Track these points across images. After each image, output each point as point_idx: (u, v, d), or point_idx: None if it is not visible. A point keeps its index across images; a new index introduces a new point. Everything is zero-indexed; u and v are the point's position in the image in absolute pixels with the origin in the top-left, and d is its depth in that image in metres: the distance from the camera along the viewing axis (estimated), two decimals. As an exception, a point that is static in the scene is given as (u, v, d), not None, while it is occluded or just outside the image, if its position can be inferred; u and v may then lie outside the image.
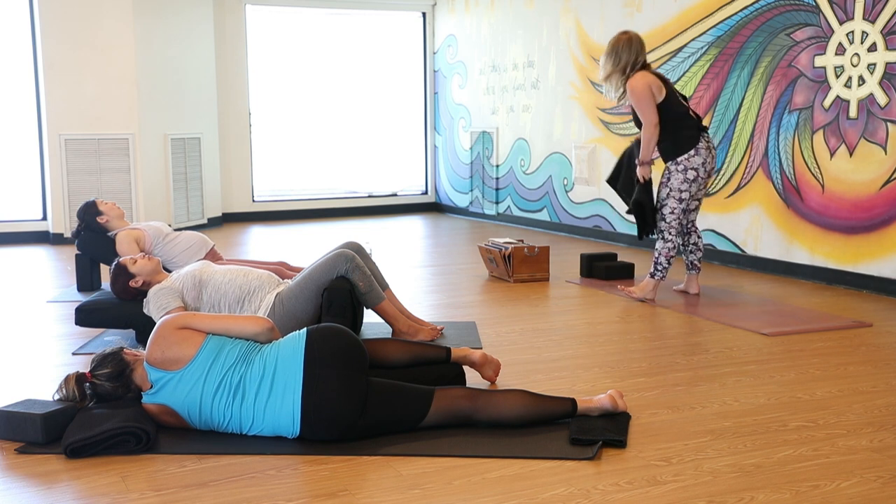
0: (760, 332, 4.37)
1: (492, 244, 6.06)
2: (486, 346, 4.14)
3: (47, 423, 2.84)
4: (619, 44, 5.00)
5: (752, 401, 3.29)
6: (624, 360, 3.89)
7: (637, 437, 2.90)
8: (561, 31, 8.08)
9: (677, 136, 5.00)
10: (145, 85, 8.24)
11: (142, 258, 4.13)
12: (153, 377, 2.89)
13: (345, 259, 4.01)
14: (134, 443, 2.77)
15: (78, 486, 2.55)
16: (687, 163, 4.98)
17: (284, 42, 9.84)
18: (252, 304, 3.95)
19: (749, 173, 6.17)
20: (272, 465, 2.69)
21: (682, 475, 2.60)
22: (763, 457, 2.74)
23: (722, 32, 6.30)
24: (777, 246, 5.99)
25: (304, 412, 2.79)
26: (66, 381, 2.98)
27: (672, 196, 5.02)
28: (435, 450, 2.78)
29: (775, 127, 5.94)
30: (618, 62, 4.99)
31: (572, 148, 8.01)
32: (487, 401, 2.94)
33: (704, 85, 6.49)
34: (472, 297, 5.40)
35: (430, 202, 10.65)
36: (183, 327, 2.94)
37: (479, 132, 9.49)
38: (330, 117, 10.11)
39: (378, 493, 2.49)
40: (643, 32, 6.97)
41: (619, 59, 4.99)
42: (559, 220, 8.30)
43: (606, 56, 5.05)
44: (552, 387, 3.45)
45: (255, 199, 9.83)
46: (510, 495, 2.46)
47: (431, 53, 10.41)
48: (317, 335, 2.92)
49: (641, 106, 4.95)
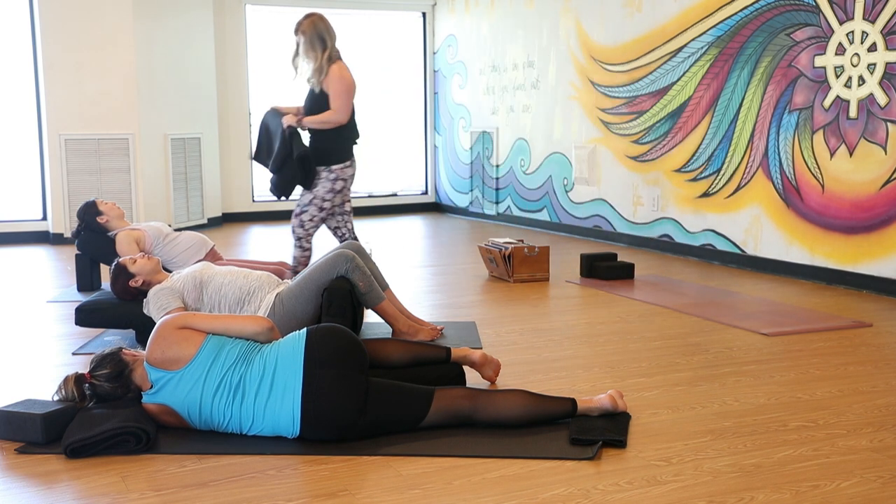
0: (760, 332, 4.37)
1: (492, 244, 6.06)
2: (486, 346, 4.14)
3: (47, 423, 2.84)
4: (323, 25, 4.82)
5: (752, 401, 3.29)
6: (624, 360, 3.89)
7: (637, 437, 2.90)
8: (561, 32, 8.08)
9: (341, 143, 4.90)
10: (145, 85, 8.23)
11: (141, 258, 4.12)
12: (153, 377, 2.89)
13: (345, 259, 4.01)
14: (134, 443, 2.77)
15: (78, 486, 2.55)
16: (340, 172, 4.90)
17: (284, 42, 9.83)
18: (252, 305, 3.95)
19: (749, 173, 6.17)
20: (272, 465, 2.69)
21: (682, 475, 2.60)
22: (763, 457, 2.74)
23: (722, 32, 6.30)
24: (777, 246, 5.99)
25: (304, 412, 2.79)
26: (66, 381, 2.98)
27: (314, 203, 4.91)
28: (435, 450, 2.78)
29: (775, 127, 5.94)
30: (325, 46, 4.81)
31: (572, 148, 8.01)
32: (487, 401, 2.94)
33: (704, 85, 6.49)
34: (472, 297, 5.40)
35: (431, 202, 10.65)
36: (183, 327, 2.94)
37: (479, 132, 9.49)
38: (330, 117, 10.09)
39: (378, 493, 2.49)
40: (643, 33, 7.01)
41: (325, 44, 4.81)
42: (559, 221, 8.30)
43: (315, 39, 4.80)
44: (552, 387, 3.45)
45: (255, 199, 9.82)
46: (510, 495, 2.46)
47: (431, 53, 10.41)
48: (317, 335, 2.92)
49: (346, 98, 4.80)
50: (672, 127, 6.82)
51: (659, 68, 6.91)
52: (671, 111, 6.82)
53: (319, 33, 4.82)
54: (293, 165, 4.83)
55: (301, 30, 4.84)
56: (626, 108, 7.31)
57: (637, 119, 7.19)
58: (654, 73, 6.96)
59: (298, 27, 4.87)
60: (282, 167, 4.86)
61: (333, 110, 4.82)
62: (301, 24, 4.86)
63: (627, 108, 7.30)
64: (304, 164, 4.84)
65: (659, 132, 6.96)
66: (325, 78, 4.82)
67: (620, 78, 7.35)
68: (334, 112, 4.82)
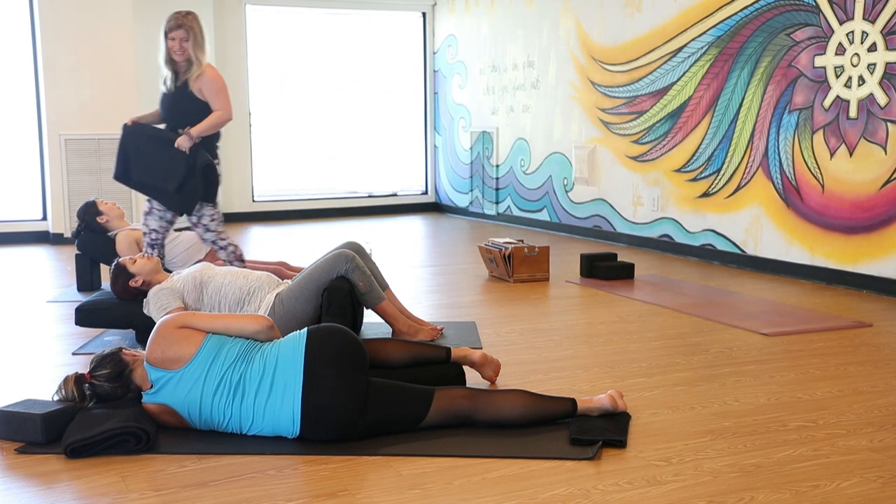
0: (760, 332, 4.37)
1: (492, 244, 6.06)
2: (486, 346, 4.14)
3: (47, 423, 2.84)
4: (199, 23, 4.66)
5: (752, 401, 3.29)
6: (624, 360, 3.89)
7: (637, 437, 2.90)
8: (561, 32, 8.08)
9: (214, 144, 4.76)
10: (146, 85, 8.22)
11: (141, 258, 4.12)
12: (153, 377, 2.88)
13: (345, 259, 4.01)
14: (134, 443, 2.77)
15: (78, 486, 2.55)
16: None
17: (284, 42, 9.84)
18: (252, 305, 3.95)
19: (749, 173, 6.17)
20: (272, 465, 2.69)
21: (682, 475, 2.60)
22: (763, 457, 2.73)
23: (722, 32, 6.30)
24: (777, 246, 5.99)
25: (304, 412, 2.79)
26: (66, 381, 2.98)
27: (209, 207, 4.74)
28: (435, 450, 2.78)
29: (775, 127, 5.94)
30: (203, 44, 4.67)
31: (572, 148, 8.01)
32: (487, 401, 2.94)
33: (704, 85, 6.49)
34: (472, 297, 5.40)
35: (430, 202, 10.65)
36: (183, 326, 2.94)
37: (479, 132, 9.49)
38: (330, 117, 10.11)
39: (378, 493, 2.49)
40: (643, 33, 7.01)
41: (203, 42, 4.67)
42: (559, 220, 8.30)
43: (201, 37, 4.65)
44: (552, 387, 3.45)
45: (255, 199, 9.83)
46: (510, 495, 2.46)
47: (431, 53, 10.41)
48: (317, 335, 2.92)
49: (226, 95, 4.69)
50: (672, 127, 6.82)
51: (659, 68, 6.91)
52: (671, 111, 6.82)
53: (202, 31, 4.67)
54: (197, 178, 4.60)
55: (188, 25, 4.58)
56: (626, 108, 7.31)
57: (637, 119, 7.19)
58: (654, 73, 6.96)
59: (184, 22, 4.58)
60: (184, 183, 4.60)
61: (222, 109, 4.66)
62: (186, 19, 4.59)
63: (627, 108, 7.30)
64: (210, 173, 4.65)
65: (659, 132, 6.96)
66: (200, 79, 4.63)
67: (620, 78, 7.35)
68: (223, 111, 4.65)
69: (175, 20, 4.58)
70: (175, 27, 4.57)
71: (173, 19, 4.59)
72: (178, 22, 4.58)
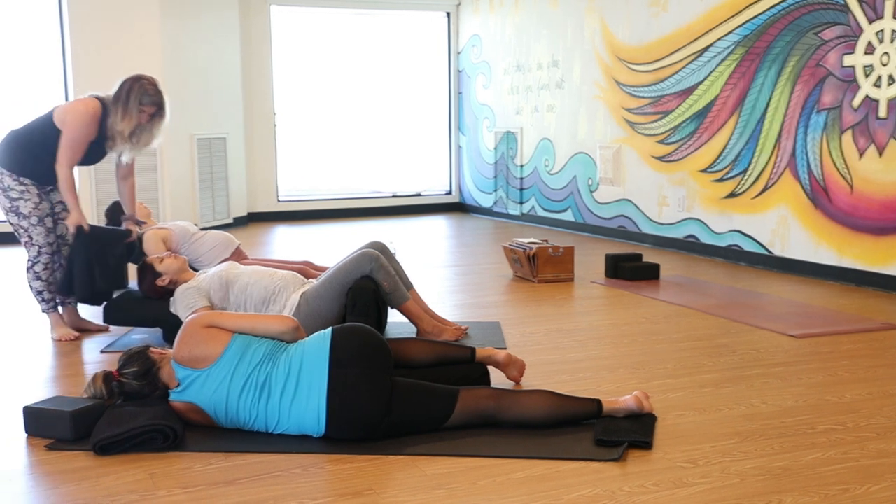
0: (788, 333, 4.33)
1: (516, 244, 6.05)
2: (510, 346, 4.14)
3: (76, 421, 2.87)
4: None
5: (779, 403, 3.26)
6: (650, 361, 3.87)
7: (663, 439, 2.88)
8: (586, 31, 8.05)
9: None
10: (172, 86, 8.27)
11: (168, 257, 4.16)
12: (180, 375, 2.91)
13: (369, 259, 4.02)
14: (161, 440, 2.79)
15: (107, 483, 2.57)
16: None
17: (309, 42, 9.88)
18: (277, 304, 3.97)
19: (776, 174, 6.11)
20: (298, 464, 2.70)
21: (709, 477, 2.58)
22: (791, 459, 2.71)
23: (749, 31, 6.25)
24: (804, 247, 5.93)
25: (330, 411, 2.80)
26: (94, 379, 3.02)
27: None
28: (460, 450, 2.77)
29: (803, 127, 5.88)
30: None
31: (597, 148, 7.98)
32: (512, 401, 2.93)
33: (731, 84, 6.44)
34: (497, 297, 5.39)
35: (455, 202, 10.65)
36: (210, 326, 2.96)
37: (504, 132, 9.47)
38: (354, 117, 10.14)
39: (403, 493, 2.49)
40: (669, 32, 6.97)
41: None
42: (584, 221, 8.27)
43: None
44: (577, 387, 3.43)
45: (280, 198, 9.87)
46: (535, 496, 2.45)
47: (456, 53, 10.41)
48: (342, 335, 2.93)
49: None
50: (698, 127, 6.77)
51: (685, 68, 6.87)
52: (697, 111, 6.78)
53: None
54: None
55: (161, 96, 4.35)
56: (652, 108, 7.27)
57: (662, 119, 7.15)
58: (680, 72, 6.92)
59: (160, 94, 4.34)
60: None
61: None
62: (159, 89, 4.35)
63: (653, 108, 7.26)
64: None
65: (685, 132, 6.92)
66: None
67: (646, 77, 7.32)
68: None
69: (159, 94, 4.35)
70: (160, 102, 4.35)
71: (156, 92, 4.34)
72: (160, 97, 4.36)
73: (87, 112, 4.25)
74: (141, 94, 4.27)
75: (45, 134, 4.27)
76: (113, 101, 4.30)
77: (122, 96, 4.27)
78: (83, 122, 4.24)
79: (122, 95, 4.27)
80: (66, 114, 4.27)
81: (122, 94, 4.27)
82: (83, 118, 4.24)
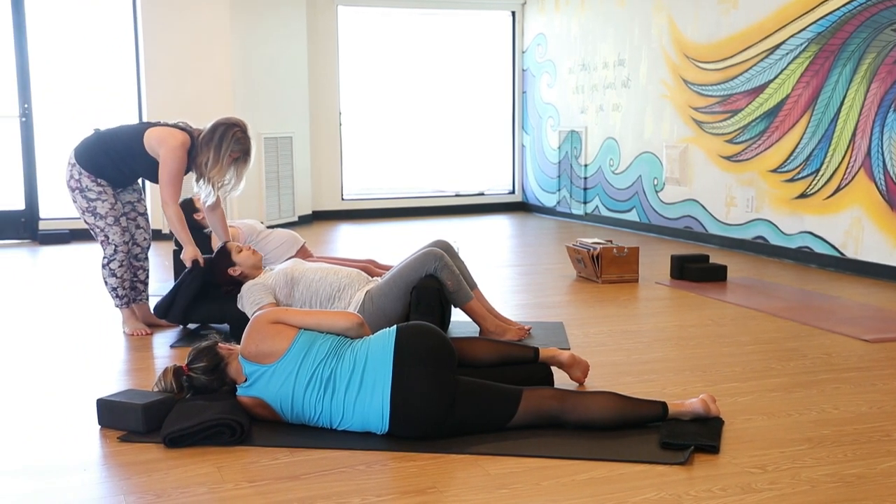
0: (861, 338, 4.21)
1: (580, 244, 6.00)
2: (573, 346, 4.10)
3: (147, 413, 2.94)
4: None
5: (852, 409, 3.17)
6: (716, 363, 3.80)
7: (730, 443, 2.83)
8: (653, 29, 7.95)
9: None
10: (241, 85, 8.45)
11: (247, 250, 4.25)
12: (247, 370, 2.95)
13: (434, 258, 4.03)
14: (229, 434, 2.84)
15: (176, 475, 2.63)
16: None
17: (375, 42, 9.95)
18: (342, 302, 4.00)
19: (850, 174, 5.95)
20: (362, 461, 2.72)
21: (779, 483, 2.52)
22: (865, 467, 2.63)
23: (823, 28, 6.09)
24: (879, 249, 5.76)
25: (393, 409, 2.82)
26: (165, 373, 3.09)
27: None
28: (523, 450, 2.76)
29: (879, 126, 5.71)
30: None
31: (663, 147, 7.87)
32: (576, 402, 2.91)
33: (804, 83, 6.29)
34: (560, 297, 5.36)
35: (518, 202, 10.61)
36: (276, 322, 3.00)
37: (568, 131, 9.41)
38: (418, 116, 10.18)
39: (466, 492, 2.49)
40: (740, 30, 6.84)
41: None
42: (649, 221, 8.16)
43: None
44: (642, 389, 3.39)
45: (345, 197, 9.96)
46: (599, 498, 2.43)
47: (520, 52, 10.38)
48: (406, 333, 2.94)
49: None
50: (768, 126, 6.63)
51: (755, 66, 6.73)
52: (767, 110, 6.63)
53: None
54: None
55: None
56: (720, 107, 7.14)
57: (731, 118, 7.02)
58: (750, 70, 6.78)
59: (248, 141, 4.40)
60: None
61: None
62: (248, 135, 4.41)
63: (721, 107, 7.13)
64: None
65: (754, 131, 6.78)
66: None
67: (714, 76, 7.19)
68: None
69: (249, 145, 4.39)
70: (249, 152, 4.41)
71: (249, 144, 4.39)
72: (250, 147, 4.40)
73: (179, 146, 4.30)
74: (232, 143, 4.32)
75: (129, 148, 4.35)
76: (204, 142, 4.33)
77: (214, 141, 4.31)
78: (177, 156, 4.29)
79: (215, 140, 4.31)
80: (158, 146, 4.30)
81: (215, 139, 4.31)
82: (177, 152, 4.29)
